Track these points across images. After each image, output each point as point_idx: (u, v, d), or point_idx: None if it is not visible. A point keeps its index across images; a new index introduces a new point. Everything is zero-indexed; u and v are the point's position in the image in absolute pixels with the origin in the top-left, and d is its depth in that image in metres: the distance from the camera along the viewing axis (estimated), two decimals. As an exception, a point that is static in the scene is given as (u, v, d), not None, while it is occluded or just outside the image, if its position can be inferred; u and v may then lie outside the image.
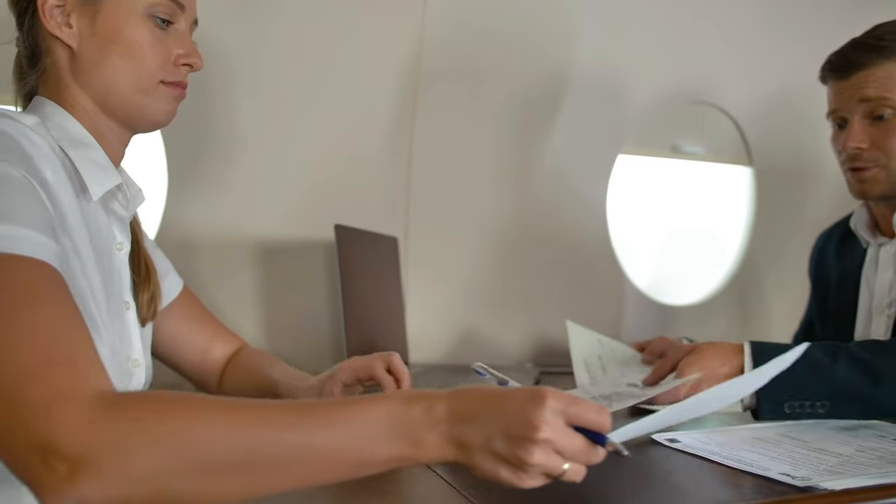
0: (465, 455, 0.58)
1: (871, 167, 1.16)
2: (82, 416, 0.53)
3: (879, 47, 1.13)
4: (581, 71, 1.69)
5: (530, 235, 1.73)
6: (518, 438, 0.56)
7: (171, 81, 0.88)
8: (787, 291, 1.95)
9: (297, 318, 1.50)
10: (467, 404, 0.59)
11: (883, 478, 0.70)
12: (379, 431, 0.57)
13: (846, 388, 0.92)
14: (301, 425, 0.56)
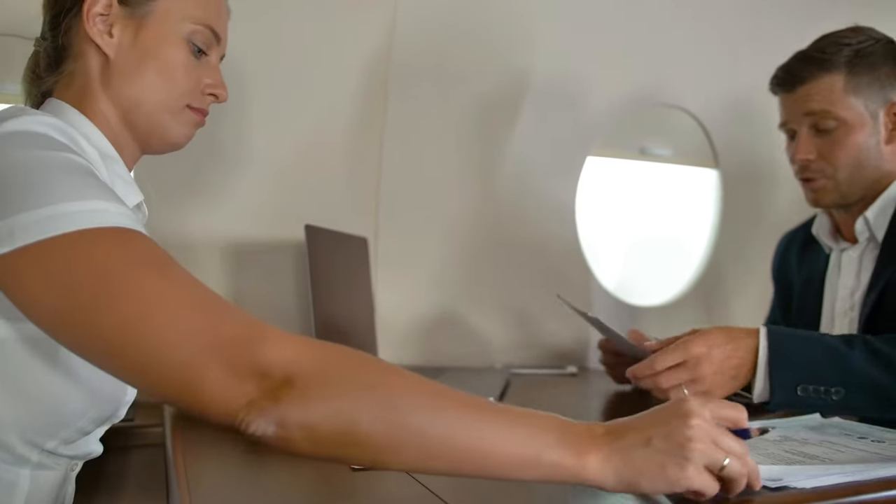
0: (628, 461, 0.60)
1: (819, 178, 1.19)
2: (289, 343, 0.58)
3: (821, 60, 1.16)
4: (548, 74, 1.70)
5: (499, 236, 1.74)
6: (674, 429, 0.60)
7: (196, 107, 0.88)
8: (750, 293, 1.98)
9: (266, 319, 1.48)
10: (621, 423, 0.63)
11: (852, 476, 0.71)
12: (550, 436, 0.60)
13: (862, 377, 0.92)
14: (487, 419, 0.59)
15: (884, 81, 1.16)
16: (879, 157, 1.17)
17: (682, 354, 0.97)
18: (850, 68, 1.15)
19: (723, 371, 0.96)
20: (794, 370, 0.92)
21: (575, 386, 1.48)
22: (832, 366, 0.92)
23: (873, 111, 1.16)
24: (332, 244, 1.34)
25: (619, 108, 1.82)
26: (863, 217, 1.18)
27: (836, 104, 1.15)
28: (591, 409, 1.29)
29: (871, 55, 1.16)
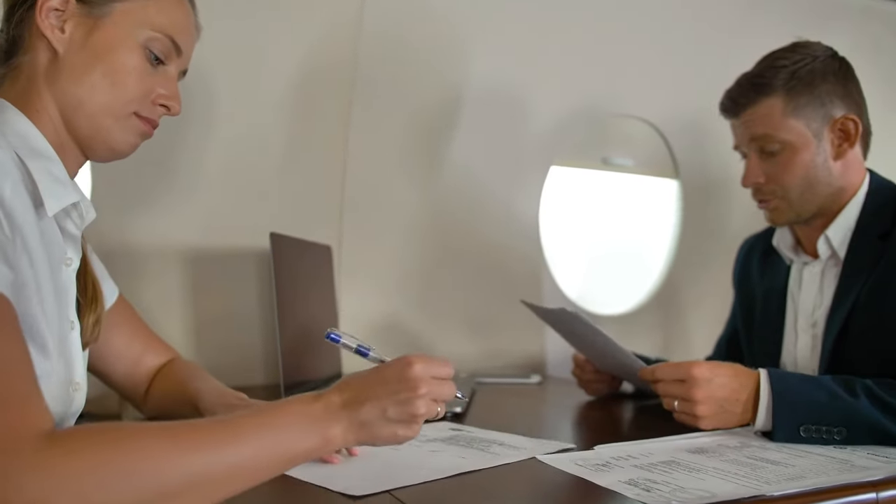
0: (367, 431, 0.70)
1: (772, 199, 1.21)
2: (33, 460, 0.52)
3: (759, 85, 1.17)
4: (509, 84, 1.71)
5: (461, 246, 1.74)
6: (405, 401, 0.70)
7: (144, 116, 0.86)
8: (709, 302, 2.01)
9: (228, 328, 1.46)
10: (355, 391, 0.70)
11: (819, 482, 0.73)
12: (294, 433, 0.65)
13: (866, 421, 0.92)
14: (234, 441, 0.61)
15: (824, 99, 1.16)
16: (829, 173, 1.17)
17: (683, 373, 0.99)
18: (787, 90, 1.15)
19: (717, 400, 0.98)
20: (798, 412, 0.93)
21: (540, 394, 1.49)
22: (836, 408, 0.93)
23: (816, 130, 1.16)
24: (296, 252, 1.33)
25: (580, 118, 1.83)
26: (824, 236, 1.19)
27: (777, 128, 1.16)
28: (557, 417, 1.29)
29: (809, 74, 1.15)
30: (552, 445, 0.92)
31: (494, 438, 0.96)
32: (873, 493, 0.73)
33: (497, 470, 0.81)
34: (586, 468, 0.80)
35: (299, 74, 1.50)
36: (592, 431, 1.15)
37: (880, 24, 2.04)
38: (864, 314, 1.11)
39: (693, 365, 0.99)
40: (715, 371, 0.98)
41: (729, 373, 0.99)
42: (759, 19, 1.91)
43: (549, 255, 1.85)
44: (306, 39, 1.50)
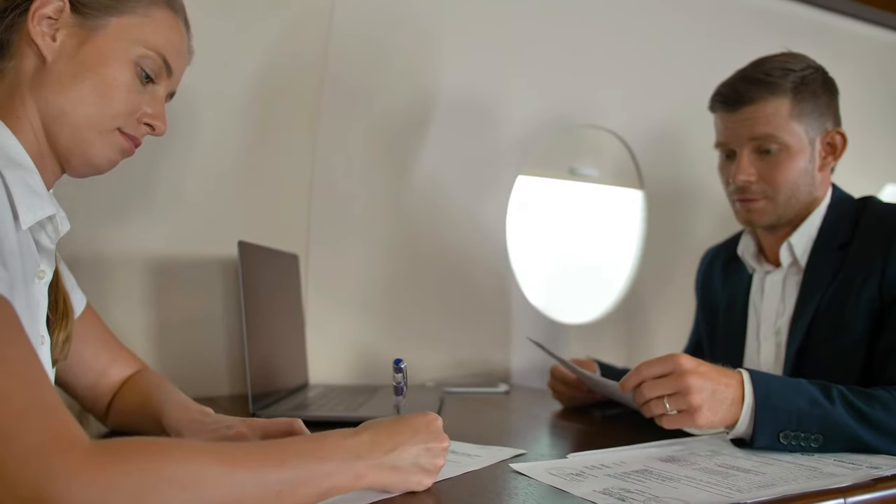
0: (396, 475, 0.71)
1: (759, 199, 1.20)
2: (85, 465, 0.51)
3: (768, 83, 1.16)
4: (475, 94, 1.72)
5: (427, 254, 1.74)
6: (434, 450, 0.74)
7: (128, 134, 0.84)
8: (672, 312, 2.04)
9: (193, 337, 1.43)
10: (386, 435, 0.72)
11: (789, 489, 0.74)
12: (330, 466, 0.66)
13: (843, 430, 0.92)
14: (278, 465, 0.62)
15: (822, 110, 1.19)
16: (812, 182, 1.20)
17: (670, 365, 0.94)
18: (795, 94, 1.16)
19: (709, 390, 0.92)
20: (780, 418, 0.91)
21: (508, 403, 1.48)
22: (815, 416, 0.92)
23: (812, 138, 1.19)
24: (264, 261, 1.31)
25: (548, 128, 1.85)
26: (787, 243, 1.21)
27: (781, 129, 1.16)
28: (523, 426, 1.29)
29: (813, 83, 1.17)
30: (507, 452, 0.92)
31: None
32: (841, 499, 0.74)
33: (470, 480, 0.81)
34: (560, 477, 0.80)
35: (266, 79, 1.49)
36: (563, 439, 1.15)
37: (837, 39, 2.10)
38: (826, 322, 1.13)
39: (677, 355, 0.94)
40: (698, 360, 0.94)
41: (710, 366, 0.95)
42: (721, 35, 1.96)
43: (516, 264, 1.85)
44: (273, 45, 1.48)
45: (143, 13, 0.84)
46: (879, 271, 1.09)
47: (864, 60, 2.19)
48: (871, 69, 2.22)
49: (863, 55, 2.17)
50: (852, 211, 1.20)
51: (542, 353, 1.78)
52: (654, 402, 0.95)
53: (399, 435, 0.72)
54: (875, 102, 2.19)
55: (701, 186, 2.05)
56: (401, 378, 0.86)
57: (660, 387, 0.94)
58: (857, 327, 1.10)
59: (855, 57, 2.12)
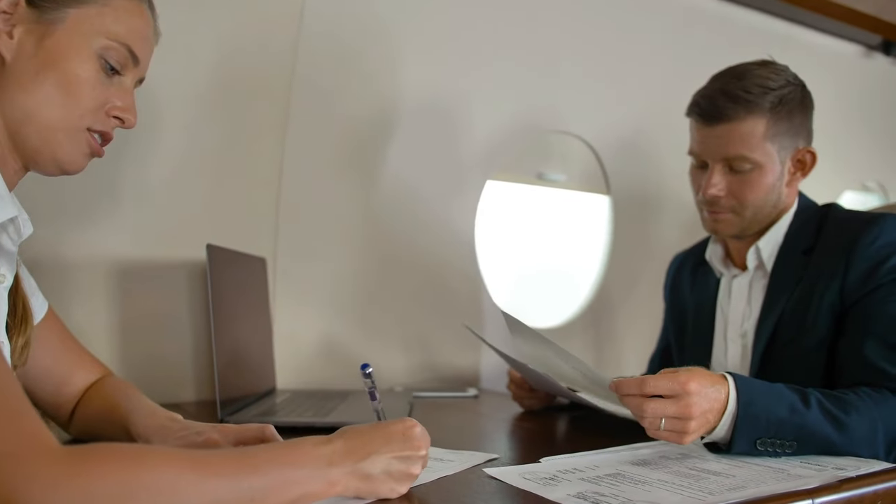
0: (368, 484, 0.70)
1: (726, 212, 1.21)
2: (56, 470, 0.50)
3: (746, 101, 1.15)
4: (444, 99, 1.72)
5: (395, 259, 1.73)
6: (407, 459, 0.72)
7: (97, 130, 0.81)
8: (638, 316, 2.07)
9: (158, 342, 1.41)
10: (360, 442, 0.71)
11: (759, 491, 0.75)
12: (303, 473, 0.65)
13: (816, 436, 0.92)
14: (250, 472, 0.61)
15: (797, 129, 1.19)
16: (779, 196, 1.22)
17: (677, 387, 0.89)
18: (772, 114, 1.16)
19: (706, 414, 0.90)
20: (760, 426, 0.91)
21: (478, 408, 1.49)
22: (792, 424, 0.92)
23: (783, 157, 1.19)
24: (232, 264, 1.29)
25: (515, 134, 1.86)
26: (755, 247, 1.23)
27: (754, 149, 1.16)
28: (494, 430, 1.29)
29: (791, 102, 1.17)
30: (479, 457, 0.92)
31: None
32: (809, 500, 0.75)
33: (444, 485, 0.80)
34: (534, 482, 0.80)
35: (234, 81, 1.47)
36: (534, 443, 1.16)
37: (796, 49, 2.14)
38: (791, 324, 1.16)
39: (688, 378, 0.89)
40: (702, 382, 0.90)
41: (709, 381, 0.91)
42: (686, 44, 1.98)
43: (485, 268, 1.86)
44: (242, 47, 1.46)
45: (103, 2, 0.81)
46: (841, 276, 1.12)
47: (822, 70, 2.24)
48: (828, 79, 2.27)
49: (820, 65, 2.22)
50: (816, 217, 1.22)
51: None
52: (651, 419, 0.90)
53: (373, 443, 0.71)
54: (832, 112, 2.24)
55: (667, 193, 2.08)
56: (370, 382, 0.85)
57: (662, 408, 0.89)
58: (819, 330, 1.13)
59: (813, 67, 2.16)
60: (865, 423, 0.95)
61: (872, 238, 1.11)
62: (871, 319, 1.08)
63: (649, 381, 0.90)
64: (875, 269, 1.10)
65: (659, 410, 0.89)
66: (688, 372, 0.91)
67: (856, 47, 2.31)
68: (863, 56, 2.34)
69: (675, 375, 0.90)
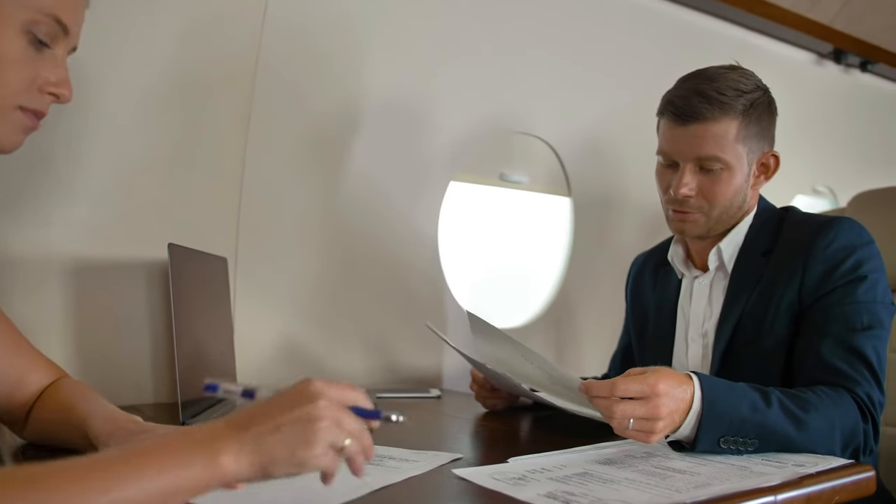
0: (260, 453, 0.59)
1: (694, 212, 1.22)
2: None
3: (721, 102, 1.16)
4: (408, 98, 1.72)
5: (358, 259, 1.72)
6: (302, 415, 0.60)
7: (31, 108, 0.77)
8: (600, 317, 2.09)
9: (115, 344, 1.37)
10: (245, 414, 0.61)
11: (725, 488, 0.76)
12: (176, 461, 0.57)
13: (776, 434, 0.95)
14: (116, 475, 0.54)
15: (764, 133, 1.22)
16: (743, 199, 1.24)
17: (647, 389, 0.90)
18: (744, 117, 1.18)
19: (672, 414, 0.91)
20: (723, 424, 0.93)
21: (440, 408, 1.48)
22: (754, 422, 0.94)
23: (750, 160, 1.21)
24: (193, 264, 1.27)
25: (479, 135, 1.86)
26: (717, 248, 1.25)
27: (726, 150, 1.17)
28: (458, 430, 1.29)
29: (760, 106, 1.20)
30: (443, 457, 0.92)
31: (382, 453, 0.94)
32: (772, 496, 0.77)
33: (414, 486, 0.80)
34: (504, 482, 0.80)
35: (195, 75, 1.44)
36: (498, 443, 1.16)
37: (753, 57, 2.19)
38: (750, 324, 1.19)
39: (657, 380, 0.90)
40: (670, 382, 0.91)
41: (676, 381, 0.92)
42: (646, 49, 2.01)
43: (448, 269, 1.86)
44: (203, 39, 1.44)
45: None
46: (799, 278, 1.15)
47: (775, 77, 2.28)
48: (782, 86, 2.32)
49: (773, 72, 2.26)
50: (775, 220, 1.25)
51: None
52: (619, 420, 0.91)
53: (259, 410, 0.61)
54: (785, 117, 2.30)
55: (627, 195, 2.11)
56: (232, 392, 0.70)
57: (632, 410, 0.90)
58: (778, 330, 1.16)
59: (767, 73, 2.21)
60: (823, 422, 0.98)
61: (829, 241, 1.15)
62: (828, 321, 1.11)
63: (619, 384, 0.90)
64: (831, 272, 1.13)
65: (629, 412, 0.90)
66: (655, 373, 0.92)
67: (808, 55, 2.37)
68: (814, 64, 2.40)
69: (645, 377, 0.91)
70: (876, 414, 1.06)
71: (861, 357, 1.08)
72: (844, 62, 2.40)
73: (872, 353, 1.08)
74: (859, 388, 1.05)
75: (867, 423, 1.04)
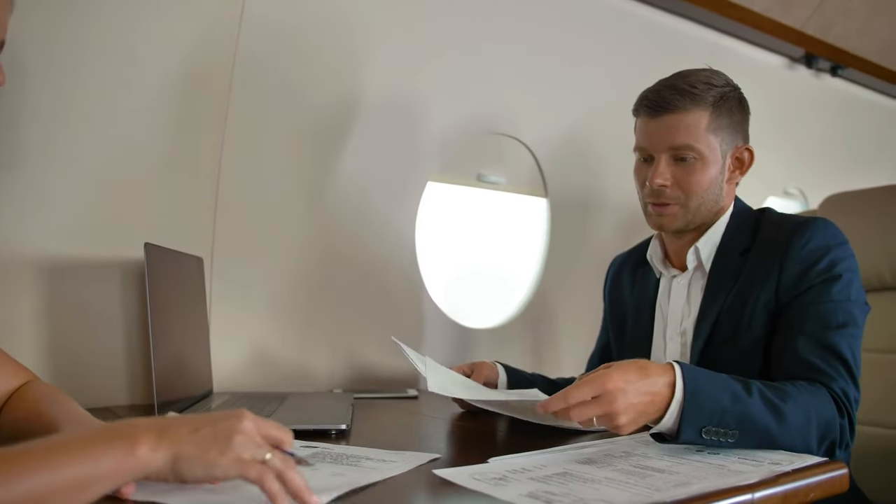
0: (174, 447, 0.62)
1: (672, 203, 1.25)
2: None
3: (692, 94, 1.21)
4: (387, 98, 1.71)
5: (336, 259, 1.71)
6: (225, 423, 0.64)
7: None
8: (575, 316, 2.10)
9: (89, 345, 1.35)
10: (170, 418, 0.65)
11: (703, 487, 0.77)
12: (96, 449, 0.59)
13: (757, 424, 0.96)
14: (30, 467, 0.55)
15: (736, 127, 1.26)
16: (720, 192, 1.27)
17: (598, 388, 0.91)
18: (714, 108, 1.22)
19: (636, 406, 0.92)
20: (705, 415, 0.94)
21: (417, 408, 1.48)
22: (735, 412, 0.96)
23: (724, 152, 1.25)
24: (170, 264, 1.25)
25: (457, 135, 1.86)
26: (694, 247, 1.28)
27: (699, 139, 1.21)
28: (435, 430, 1.29)
29: (731, 100, 1.24)
30: (421, 457, 0.92)
31: (359, 454, 0.94)
32: (750, 494, 0.78)
33: (395, 487, 0.80)
34: (484, 482, 0.80)
35: (173, 70, 1.42)
36: (476, 443, 1.16)
37: (726, 60, 2.22)
38: (728, 322, 1.21)
39: (604, 378, 0.92)
40: (626, 378, 0.93)
41: (639, 376, 0.94)
42: (623, 52, 2.03)
43: (425, 269, 1.85)
44: (180, 38, 1.42)
45: None
46: (776, 277, 1.17)
47: (748, 80, 2.32)
48: (754, 89, 2.35)
49: (746, 75, 2.30)
50: (752, 220, 1.28)
51: (449, 358, 1.80)
52: (584, 422, 0.94)
53: (201, 416, 0.66)
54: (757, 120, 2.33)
55: (604, 196, 2.12)
56: None
57: (588, 410, 0.92)
58: (756, 328, 1.18)
59: (739, 76, 2.25)
60: (801, 413, 1.00)
61: (805, 241, 1.17)
62: (804, 319, 1.14)
63: (570, 394, 0.92)
64: (807, 271, 1.16)
65: (585, 413, 0.92)
66: (605, 374, 0.93)
67: (780, 59, 2.40)
68: (786, 68, 2.44)
69: (593, 379, 0.92)
70: (852, 410, 1.09)
71: (836, 354, 1.10)
72: (815, 66, 2.44)
73: (847, 351, 1.10)
74: (835, 384, 1.08)
75: (843, 419, 1.06)
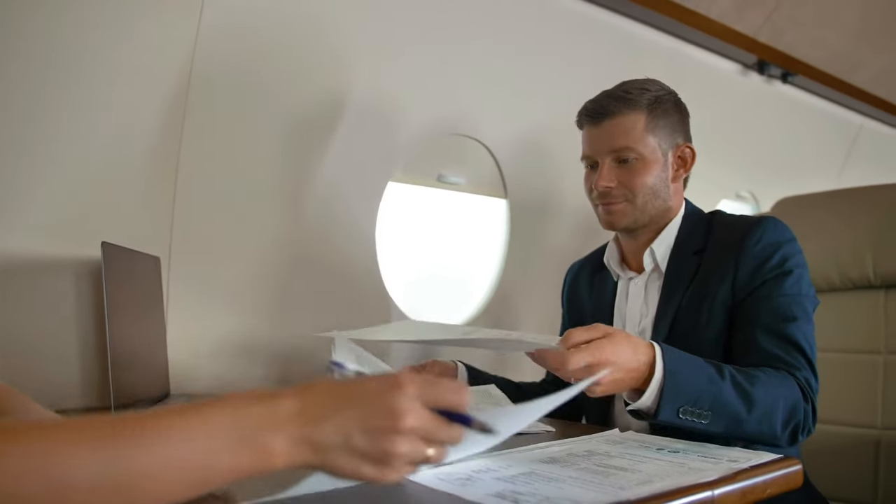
0: (321, 457, 0.54)
1: (619, 202, 1.31)
2: None
3: (627, 99, 1.30)
4: (350, 98, 1.70)
5: (299, 259, 1.69)
6: (381, 431, 0.54)
7: None
8: (535, 317, 2.12)
9: (42, 346, 1.31)
10: (318, 401, 0.54)
11: (665, 485, 0.78)
12: (217, 441, 0.51)
13: (728, 407, 1.02)
14: (136, 443, 0.49)
15: (675, 127, 1.33)
16: (667, 190, 1.33)
17: (596, 333, 0.97)
18: (650, 110, 1.29)
19: (617, 383, 0.98)
20: (683, 395, 1.00)
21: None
22: (710, 391, 1.01)
23: (665, 151, 1.32)
24: (126, 263, 1.23)
25: (419, 136, 1.86)
26: (650, 249, 1.33)
27: (637, 141, 1.28)
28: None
29: (666, 103, 1.32)
30: None
31: None
32: (710, 491, 0.80)
33: (356, 489, 0.79)
34: (450, 483, 0.80)
35: (128, 71, 1.39)
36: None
37: (683, 66, 2.27)
38: (686, 319, 1.25)
39: (600, 353, 0.96)
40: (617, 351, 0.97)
41: (629, 347, 0.99)
42: (585, 55, 2.05)
43: (386, 268, 1.85)
44: (137, 33, 1.39)
45: None
46: (731, 274, 1.23)
47: (703, 85, 2.38)
48: (709, 94, 2.41)
49: (702, 80, 2.36)
50: (704, 222, 1.35)
51: (410, 359, 1.79)
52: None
53: (336, 401, 0.54)
54: (711, 125, 2.39)
55: (563, 199, 2.14)
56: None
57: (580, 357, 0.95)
58: (714, 323, 1.23)
59: (696, 81, 2.30)
60: (769, 397, 1.06)
61: (757, 239, 1.24)
62: (760, 313, 1.20)
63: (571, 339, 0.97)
64: (760, 266, 1.22)
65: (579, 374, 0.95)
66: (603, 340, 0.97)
67: (733, 65, 2.46)
68: (739, 74, 2.50)
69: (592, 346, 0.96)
70: (814, 397, 1.15)
71: (794, 345, 1.16)
72: (767, 73, 2.50)
73: (804, 342, 1.17)
74: (798, 373, 1.14)
75: (807, 404, 1.12)
